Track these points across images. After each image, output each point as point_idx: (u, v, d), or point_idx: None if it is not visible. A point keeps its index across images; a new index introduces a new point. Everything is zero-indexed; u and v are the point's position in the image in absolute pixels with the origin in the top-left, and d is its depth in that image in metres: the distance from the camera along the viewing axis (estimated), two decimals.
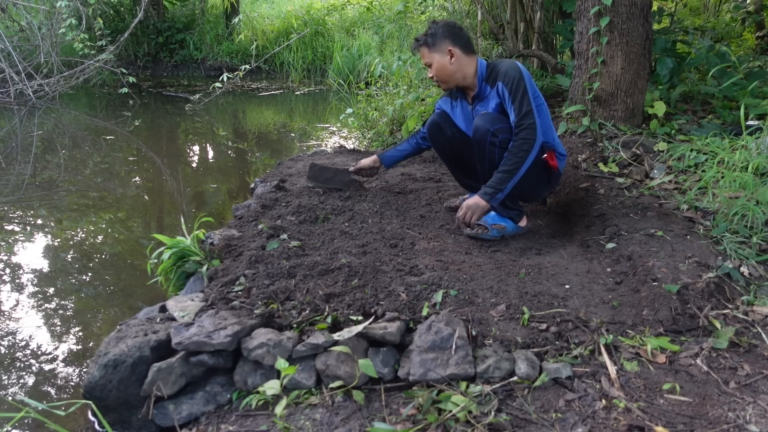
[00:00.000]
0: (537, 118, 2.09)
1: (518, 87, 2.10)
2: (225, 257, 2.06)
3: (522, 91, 2.09)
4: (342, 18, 9.54)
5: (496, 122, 2.14)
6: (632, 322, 1.63)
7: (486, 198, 2.13)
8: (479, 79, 2.25)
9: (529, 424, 1.28)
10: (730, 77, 3.31)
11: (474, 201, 2.16)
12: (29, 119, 5.84)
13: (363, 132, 4.93)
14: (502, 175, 2.10)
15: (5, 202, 3.50)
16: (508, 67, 2.15)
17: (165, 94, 7.60)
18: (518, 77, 2.11)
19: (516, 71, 2.12)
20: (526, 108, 2.08)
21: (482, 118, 2.17)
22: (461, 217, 2.18)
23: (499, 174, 2.11)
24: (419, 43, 2.26)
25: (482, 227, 2.29)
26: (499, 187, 2.10)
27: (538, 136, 2.09)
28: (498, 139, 2.13)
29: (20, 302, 2.39)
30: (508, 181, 2.09)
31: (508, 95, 2.12)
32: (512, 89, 2.10)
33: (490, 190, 2.12)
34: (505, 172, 2.09)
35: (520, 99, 2.09)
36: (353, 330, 1.49)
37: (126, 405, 1.47)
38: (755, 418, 1.27)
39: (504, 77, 2.14)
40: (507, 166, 2.09)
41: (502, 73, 2.15)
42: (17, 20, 7.31)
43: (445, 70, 2.24)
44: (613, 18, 3.00)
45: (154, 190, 3.88)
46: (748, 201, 2.08)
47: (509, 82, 2.11)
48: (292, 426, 1.32)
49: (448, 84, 2.29)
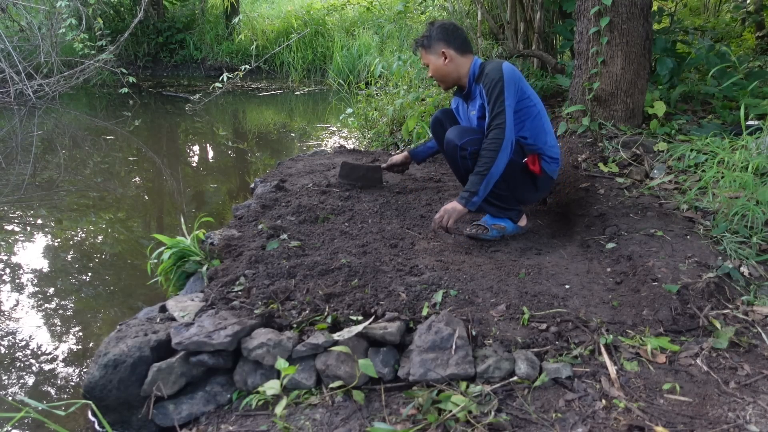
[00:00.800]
0: (507, 119, 2.09)
1: (494, 88, 2.11)
2: (225, 257, 2.06)
3: (497, 93, 2.11)
4: (342, 18, 9.54)
5: (465, 135, 2.19)
6: (632, 322, 1.63)
7: (462, 202, 2.13)
8: (470, 80, 2.27)
9: (529, 424, 1.28)
10: (730, 77, 3.31)
11: (451, 205, 2.16)
12: (29, 119, 5.84)
13: (363, 132, 4.93)
14: (474, 177, 2.12)
15: (5, 202, 3.50)
16: (490, 69, 2.16)
17: (165, 94, 7.60)
18: (497, 79, 2.11)
19: (496, 72, 2.13)
20: (498, 109, 2.10)
21: (452, 131, 2.23)
22: (438, 219, 2.16)
23: (472, 177, 2.13)
24: (417, 45, 2.32)
25: (482, 227, 2.29)
26: (473, 189, 2.11)
27: (507, 135, 2.08)
28: (467, 152, 2.17)
29: (20, 302, 2.39)
30: (481, 183, 2.10)
31: (486, 97, 2.15)
32: (489, 90, 2.13)
33: (465, 194, 2.13)
34: (477, 174, 2.11)
35: (494, 100, 2.11)
36: (353, 330, 1.49)
37: (126, 405, 1.47)
38: (755, 418, 1.27)
39: (484, 78, 2.16)
40: (478, 167, 2.11)
41: (484, 75, 2.17)
42: (17, 20, 7.31)
43: (440, 71, 2.28)
44: (613, 18, 3.00)
45: (154, 190, 3.88)
46: (748, 201, 2.08)
47: (488, 84, 2.14)
48: (292, 426, 1.32)
49: (446, 83, 2.33)
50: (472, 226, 2.33)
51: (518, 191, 2.33)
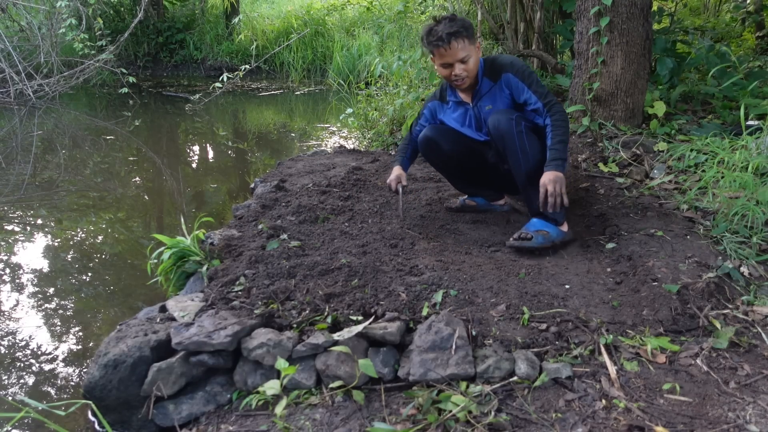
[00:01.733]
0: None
1: (530, 74, 2.16)
2: (225, 257, 2.06)
3: (536, 78, 2.16)
4: (342, 18, 9.53)
5: (512, 113, 2.15)
6: (632, 322, 1.63)
7: (560, 169, 2.03)
8: (479, 74, 2.22)
9: (529, 424, 1.28)
10: (730, 77, 3.31)
11: (552, 175, 2.01)
12: (29, 119, 5.84)
13: (363, 132, 4.93)
14: (561, 145, 2.07)
15: (5, 202, 3.50)
16: (512, 59, 2.19)
17: (165, 94, 7.59)
18: (524, 66, 2.17)
19: (520, 62, 2.19)
20: (546, 90, 2.15)
21: (497, 114, 2.16)
22: (553, 191, 1.99)
23: (557, 144, 2.07)
24: (458, 35, 2.06)
25: (526, 235, 2.12)
26: (563, 156, 2.06)
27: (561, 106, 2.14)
28: (522, 126, 2.12)
29: (20, 302, 2.39)
30: (565, 149, 2.08)
31: (522, 84, 2.15)
32: (524, 77, 2.15)
33: (558, 161, 2.04)
34: (561, 142, 2.07)
35: (536, 84, 2.15)
36: (353, 330, 1.49)
37: (126, 405, 1.47)
38: (755, 418, 1.27)
39: (511, 68, 2.16)
40: (559, 136, 2.08)
41: (507, 65, 2.17)
42: (17, 20, 7.31)
43: (477, 66, 2.18)
44: (613, 18, 3.00)
45: (154, 190, 3.88)
46: (748, 201, 2.08)
47: (518, 72, 2.16)
48: (292, 426, 1.32)
49: (472, 80, 2.20)
50: (515, 237, 2.14)
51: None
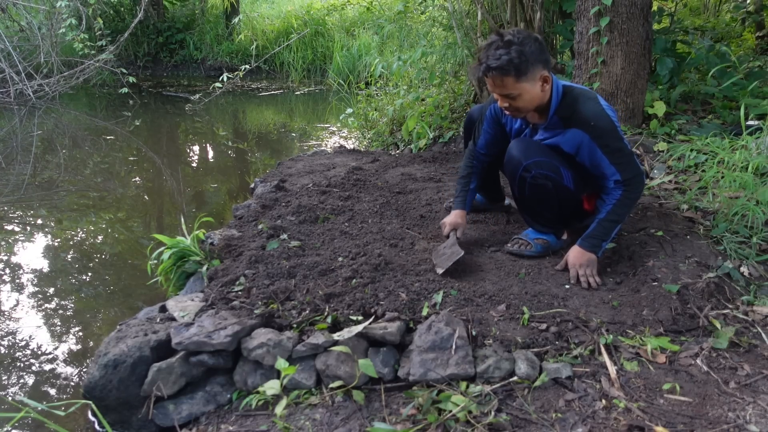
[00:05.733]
0: (639, 165, 1.87)
1: (614, 139, 1.82)
2: (225, 257, 2.06)
3: (621, 144, 1.83)
4: (342, 18, 9.53)
5: (531, 153, 1.89)
6: (632, 322, 1.63)
7: (595, 249, 1.90)
8: (552, 107, 1.86)
9: (529, 424, 1.28)
10: (730, 77, 3.31)
11: (585, 258, 1.89)
12: (29, 119, 5.84)
13: (363, 132, 4.93)
14: (610, 225, 1.89)
15: (5, 202, 3.50)
16: (597, 114, 1.81)
17: (165, 94, 7.59)
18: (610, 127, 1.81)
19: (606, 121, 1.80)
20: (626, 158, 1.83)
21: (517, 145, 1.94)
22: (583, 275, 1.88)
23: (605, 223, 1.89)
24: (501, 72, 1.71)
25: (525, 243, 2.10)
26: (605, 236, 1.90)
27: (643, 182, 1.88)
28: (530, 174, 1.90)
29: (20, 302, 2.39)
30: (613, 230, 1.90)
31: (600, 152, 1.84)
32: (606, 144, 1.82)
33: (595, 240, 1.89)
34: (613, 222, 1.89)
35: (619, 152, 1.83)
36: (353, 330, 1.49)
37: (126, 405, 1.47)
38: (755, 418, 1.27)
39: (589, 129, 1.82)
40: (616, 215, 1.88)
41: (584, 122, 1.82)
42: (17, 20, 7.31)
43: (534, 101, 1.81)
44: (613, 18, 3.00)
45: (154, 190, 3.88)
46: (748, 201, 2.08)
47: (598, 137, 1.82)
48: (292, 426, 1.32)
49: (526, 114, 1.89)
50: (514, 243, 2.12)
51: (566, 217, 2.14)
